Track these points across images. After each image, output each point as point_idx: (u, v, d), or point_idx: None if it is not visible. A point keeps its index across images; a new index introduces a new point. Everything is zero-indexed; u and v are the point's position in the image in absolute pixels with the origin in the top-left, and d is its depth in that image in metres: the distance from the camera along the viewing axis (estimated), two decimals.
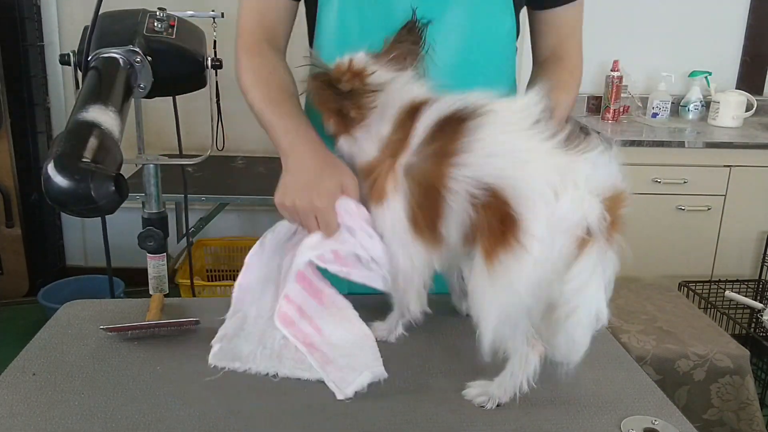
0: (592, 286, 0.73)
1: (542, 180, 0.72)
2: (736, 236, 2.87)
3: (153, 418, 0.81)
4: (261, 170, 2.78)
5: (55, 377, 0.89)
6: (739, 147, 2.79)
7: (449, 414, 0.83)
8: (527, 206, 0.72)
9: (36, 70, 2.98)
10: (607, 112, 3.09)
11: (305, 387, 0.87)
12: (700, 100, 3.16)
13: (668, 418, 0.83)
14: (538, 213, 0.71)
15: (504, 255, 0.72)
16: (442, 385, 0.89)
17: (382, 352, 0.92)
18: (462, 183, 0.77)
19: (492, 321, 0.76)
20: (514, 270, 0.72)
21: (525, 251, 0.71)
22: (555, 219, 0.71)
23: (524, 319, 0.77)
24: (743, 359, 1.98)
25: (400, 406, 0.84)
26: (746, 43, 3.26)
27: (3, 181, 2.92)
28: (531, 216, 0.71)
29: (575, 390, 0.89)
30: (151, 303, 1.05)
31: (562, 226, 0.71)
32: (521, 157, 0.74)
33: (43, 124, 3.05)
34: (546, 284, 0.72)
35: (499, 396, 0.84)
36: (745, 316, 2.73)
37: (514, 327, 0.77)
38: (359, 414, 0.82)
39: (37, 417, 0.80)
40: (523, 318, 0.76)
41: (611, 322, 2.14)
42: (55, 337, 0.99)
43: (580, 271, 0.72)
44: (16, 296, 3.03)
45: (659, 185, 2.78)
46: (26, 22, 2.90)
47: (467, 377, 0.88)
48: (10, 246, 2.99)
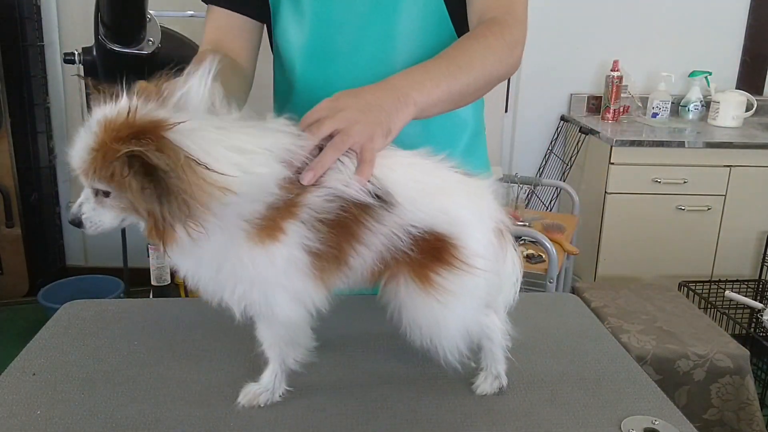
0: (511, 262, 0.86)
1: (470, 206, 0.79)
2: (736, 236, 2.87)
3: (153, 418, 0.81)
4: None
5: (55, 377, 0.89)
6: (739, 147, 2.79)
7: (449, 414, 0.83)
8: (464, 232, 0.78)
9: (36, 70, 2.98)
10: (607, 112, 3.09)
11: (305, 387, 0.87)
12: (700, 100, 3.16)
13: (668, 418, 0.83)
14: (475, 234, 0.78)
15: (450, 278, 0.77)
16: (442, 385, 0.89)
17: (381, 351, 0.92)
18: (386, 226, 0.76)
19: (453, 335, 0.81)
20: (467, 286, 0.78)
21: (472, 268, 0.77)
22: (488, 232, 0.80)
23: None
24: (743, 359, 1.99)
25: (400, 406, 0.84)
26: (746, 43, 3.27)
27: (3, 181, 2.92)
28: (469, 239, 0.78)
29: (575, 390, 0.89)
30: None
31: (492, 231, 0.81)
32: (443, 190, 0.79)
33: (43, 124, 3.05)
34: (493, 285, 0.82)
35: (502, 381, 0.87)
36: (745, 316, 2.73)
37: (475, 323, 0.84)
38: (359, 414, 0.82)
39: (37, 417, 0.80)
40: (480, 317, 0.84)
41: (611, 322, 2.15)
42: (55, 337, 0.99)
43: (506, 256, 0.84)
44: (16, 296, 3.03)
45: (659, 185, 2.78)
46: (26, 22, 2.90)
47: (467, 377, 0.88)
48: (10, 246, 2.99)
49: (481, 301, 0.83)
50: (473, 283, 0.79)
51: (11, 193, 2.94)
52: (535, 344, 1.01)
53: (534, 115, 3.27)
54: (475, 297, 0.81)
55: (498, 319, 0.86)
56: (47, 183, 3.13)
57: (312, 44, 1.08)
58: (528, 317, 1.10)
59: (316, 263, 0.75)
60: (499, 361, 0.87)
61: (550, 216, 2.73)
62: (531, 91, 3.24)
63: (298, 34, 1.08)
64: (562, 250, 2.33)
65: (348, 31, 1.06)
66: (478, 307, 0.83)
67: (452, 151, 1.13)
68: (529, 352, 0.98)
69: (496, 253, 0.81)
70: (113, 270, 2.98)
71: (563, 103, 3.28)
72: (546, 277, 2.17)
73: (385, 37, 1.05)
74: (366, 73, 0.99)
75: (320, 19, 1.06)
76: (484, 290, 0.81)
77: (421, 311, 0.80)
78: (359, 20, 1.05)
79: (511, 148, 3.32)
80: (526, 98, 3.25)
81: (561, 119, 3.26)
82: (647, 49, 3.21)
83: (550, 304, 1.16)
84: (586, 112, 3.26)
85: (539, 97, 3.25)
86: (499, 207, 0.82)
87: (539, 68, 3.20)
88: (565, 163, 3.17)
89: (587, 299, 2.30)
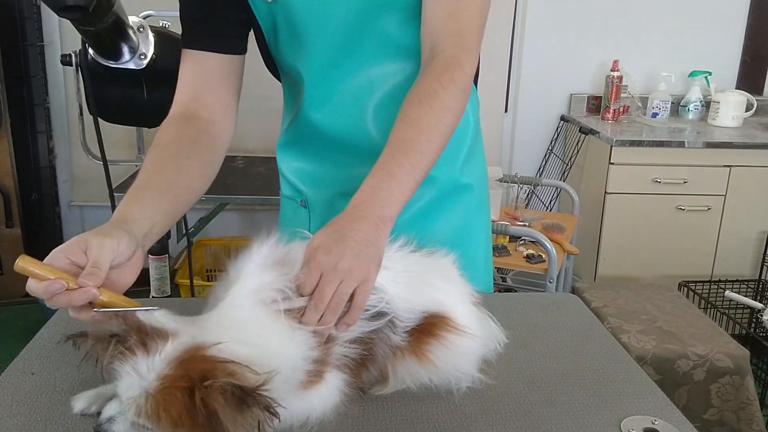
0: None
1: (456, 293, 0.88)
2: (736, 236, 2.88)
3: None
4: (261, 170, 2.78)
5: (55, 377, 0.89)
6: (739, 147, 2.80)
7: (449, 414, 0.83)
8: (452, 307, 0.86)
9: (36, 70, 2.98)
10: (607, 112, 3.09)
11: None
12: (700, 100, 3.16)
13: (668, 418, 0.83)
14: (459, 307, 0.87)
15: (442, 348, 0.84)
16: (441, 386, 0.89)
17: None
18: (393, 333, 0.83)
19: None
20: (461, 347, 0.85)
21: (465, 334, 0.85)
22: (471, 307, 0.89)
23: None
24: (743, 359, 1.99)
25: (400, 406, 0.84)
26: (746, 43, 3.27)
27: (3, 181, 2.92)
28: (459, 315, 0.86)
29: (575, 390, 0.89)
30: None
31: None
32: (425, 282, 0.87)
33: (43, 124, 3.05)
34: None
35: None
36: (745, 316, 2.74)
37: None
38: (359, 414, 0.82)
39: (37, 417, 0.80)
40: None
41: (611, 322, 2.15)
42: (55, 337, 0.99)
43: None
44: (16, 296, 3.03)
45: (659, 185, 2.79)
46: (26, 22, 2.90)
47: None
48: (10, 246, 2.99)
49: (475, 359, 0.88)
50: (465, 344, 0.85)
51: (11, 193, 2.94)
52: (535, 344, 1.01)
53: (534, 115, 3.28)
54: (463, 361, 0.86)
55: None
56: (47, 183, 3.13)
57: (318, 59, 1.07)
58: (528, 317, 1.10)
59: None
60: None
61: (550, 216, 2.73)
62: (531, 91, 3.24)
63: (302, 51, 1.06)
64: (562, 250, 2.33)
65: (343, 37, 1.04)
66: (470, 363, 0.88)
67: (457, 154, 1.14)
68: (529, 352, 0.98)
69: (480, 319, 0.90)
70: None
71: (563, 103, 3.28)
72: (546, 277, 2.17)
73: (379, 42, 1.05)
74: (362, 79, 1.05)
75: (318, 38, 1.05)
76: (476, 350, 0.87)
77: (418, 376, 0.85)
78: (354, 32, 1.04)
79: (511, 148, 3.32)
80: (526, 98, 3.25)
81: (561, 119, 3.27)
82: (647, 49, 3.21)
83: (550, 304, 1.16)
84: (586, 112, 3.26)
85: (539, 97, 3.25)
86: (467, 282, 0.91)
87: (539, 68, 3.20)
88: (565, 163, 3.17)
89: (587, 299, 2.30)
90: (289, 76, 1.13)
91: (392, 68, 1.06)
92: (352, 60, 1.05)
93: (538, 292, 2.13)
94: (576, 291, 2.44)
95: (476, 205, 1.20)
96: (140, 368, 0.66)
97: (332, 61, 1.05)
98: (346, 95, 1.07)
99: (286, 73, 1.13)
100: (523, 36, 3.17)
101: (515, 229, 2.24)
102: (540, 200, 3.21)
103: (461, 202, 1.16)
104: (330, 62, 1.05)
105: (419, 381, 0.86)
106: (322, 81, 1.07)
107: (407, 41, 1.04)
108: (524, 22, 3.14)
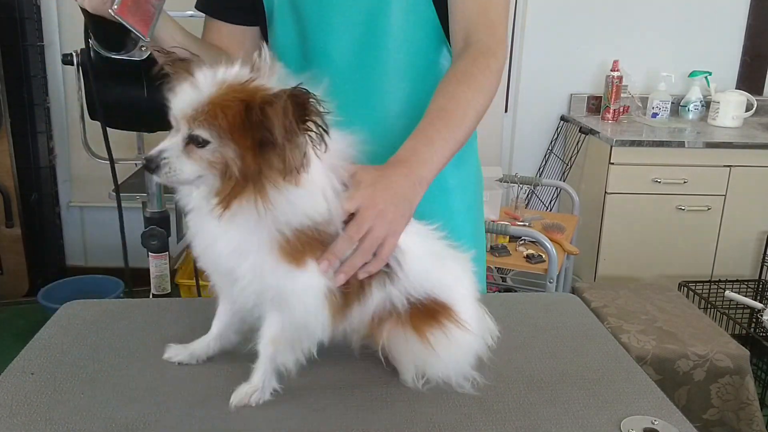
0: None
1: (466, 289, 0.90)
2: (736, 236, 2.87)
3: (153, 418, 0.81)
4: None
5: (55, 377, 0.89)
6: (739, 147, 2.80)
7: (449, 414, 0.83)
8: (459, 302, 0.88)
9: (36, 70, 2.98)
10: (607, 112, 3.09)
11: (305, 387, 0.87)
12: (700, 100, 3.16)
13: (668, 418, 0.83)
14: (466, 303, 0.89)
15: (442, 335, 0.86)
16: (442, 385, 0.89)
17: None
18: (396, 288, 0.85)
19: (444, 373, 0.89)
20: (460, 340, 0.87)
21: (463, 327, 0.87)
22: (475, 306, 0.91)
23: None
24: (743, 359, 1.99)
25: (400, 406, 0.84)
26: (746, 43, 3.27)
27: (3, 181, 2.92)
28: (462, 306, 0.88)
29: (575, 390, 0.89)
30: None
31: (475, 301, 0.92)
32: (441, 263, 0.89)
33: (43, 124, 3.05)
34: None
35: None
36: (745, 316, 2.74)
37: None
38: (360, 414, 0.82)
39: (37, 417, 0.80)
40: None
41: (611, 322, 2.15)
42: (55, 337, 0.99)
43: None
44: (16, 296, 3.03)
45: (659, 185, 2.78)
46: (26, 22, 2.90)
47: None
48: (10, 246, 2.99)
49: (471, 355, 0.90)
50: (464, 338, 0.87)
51: (11, 193, 2.94)
52: (535, 344, 1.01)
53: (534, 115, 3.28)
54: (460, 353, 0.88)
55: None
56: (47, 183, 3.13)
57: (308, 46, 1.09)
58: (528, 317, 1.10)
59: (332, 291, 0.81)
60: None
61: (550, 216, 2.73)
62: (531, 91, 3.24)
63: (294, 36, 1.09)
64: (562, 250, 2.33)
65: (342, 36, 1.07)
66: (466, 359, 0.89)
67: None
68: (529, 352, 0.98)
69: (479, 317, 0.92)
70: (113, 270, 2.99)
71: (563, 103, 3.28)
72: (546, 277, 2.17)
73: (376, 42, 1.07)
74: (355, 75, 1.08)
75: (317, 23, 1.07)
76: (473, 346, 0.89)
77: (415, 355, 0.87)
78: (354, 26, 1.06)
79: (511, 148, 3.32)
80: (526, 98, 3.25)
81: (561, 119, 3.27)
82: (647, 49, 3.21)
83: (550, 304, 1.16)
84: (586, 112, 3.26)
85: (539, 97, 3.25)
86: (476, 279, 0.93)
87: (539, 68, 3.20)
88: (565, 163, 3.17)
89: (587, 299, 2.30)
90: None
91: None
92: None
93: (538, 292, 2.13)
94: (576, 291, 2.44)
95: (464, 208, 1.20)
96: (200, 83, 0.72)
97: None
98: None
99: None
100: (523, 36, 3.16)
101: (515, 229, 2.24)
102: (540, 200, 3.20)
103: (445, 205, 1.16)
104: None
105: (415, 361, 0.87)
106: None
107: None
108: (524, 22, 3.14)
